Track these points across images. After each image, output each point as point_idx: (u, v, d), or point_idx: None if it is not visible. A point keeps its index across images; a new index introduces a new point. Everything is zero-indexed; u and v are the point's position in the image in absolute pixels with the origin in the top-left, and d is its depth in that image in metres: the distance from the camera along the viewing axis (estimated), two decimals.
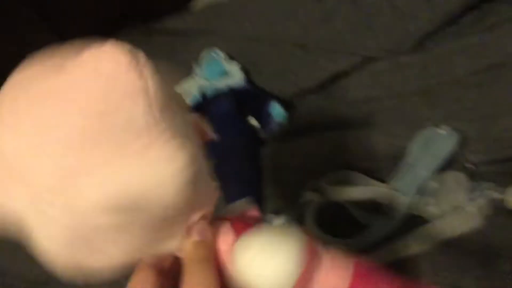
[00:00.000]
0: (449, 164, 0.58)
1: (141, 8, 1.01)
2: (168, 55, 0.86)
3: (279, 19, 0.80)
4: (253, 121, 0.72)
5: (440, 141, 0.55)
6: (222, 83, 0.74)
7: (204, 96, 0.74)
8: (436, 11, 0.72)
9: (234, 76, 0.75)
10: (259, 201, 0.66)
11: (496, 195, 0.53)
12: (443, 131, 0.55)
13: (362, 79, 0.74)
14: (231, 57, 0.78)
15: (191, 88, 0.76)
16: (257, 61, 0.80)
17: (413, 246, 0.54)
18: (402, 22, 0.74)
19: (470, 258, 0.52)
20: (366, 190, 0.59)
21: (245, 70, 0.78)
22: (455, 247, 0.53)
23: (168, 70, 0.28)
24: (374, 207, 0.60)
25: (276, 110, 0.72)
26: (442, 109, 0.64)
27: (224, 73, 0.76)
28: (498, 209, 0.53)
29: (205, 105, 0.73)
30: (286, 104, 0.75)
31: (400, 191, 0.57)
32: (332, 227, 0.59)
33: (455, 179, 0.54)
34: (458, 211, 0.53)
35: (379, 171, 0.62)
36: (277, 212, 0.65)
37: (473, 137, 0.60)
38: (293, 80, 0.78)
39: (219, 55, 0.78)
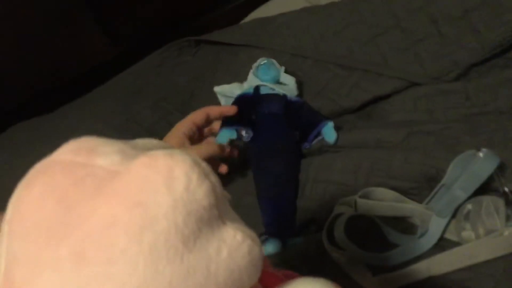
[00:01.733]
0: (486, 189, 0.57)
1: (192, 21, 1.05)
2: (212, 65, 0.89)
3: (325, 38, 0.81)
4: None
5: (479, 163, 0.54)
6: (278, 88, 0.74)
7: (257, 91, 0.74)
8: (483, 44, 0.73)
9: (290, 87, 0.75)
10: (291, 208, 0.67)
11: None
12: (482, 153, 0.55)
13: (404, 103, 0.74)
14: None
15: (234, 90, 0.77)
16: (299, 77, 0.81)
17: (444, 266, 0.53)
18: (449, 51, 0.75)
19: (504, 283, 0.51)
20: (400, 207, 0.58)
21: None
22: (488, 271, 0.52)
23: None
24: (406, 225, 0.59)
25: (329, 131, 0.71)
26: (483, 137, 0.64)
27: (279, 81, 0.76)
28: None
29: (255, 99, 0.73)
30: None
31: (435, 212, 0.56)
32: (362, 240, 0.58)
33: (493, 203, 0.53)
34: (494, 235, 0.51)
35: (415, 191, 0.62)
36: (308, 223, 0.66)
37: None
38: (333, 98, 0.79)
39: (277, 64, 0.78)
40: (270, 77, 0.75)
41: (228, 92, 0.79)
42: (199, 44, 0.92)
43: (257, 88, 0.75)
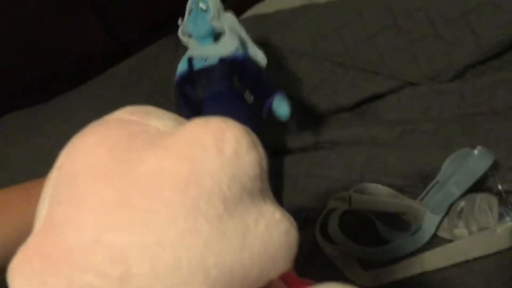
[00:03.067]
0: (479, 188, 0.57)
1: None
2: None
3: (322, 35, 0.81)
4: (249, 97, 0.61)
5: (474, 160, 0.55)
6: (212, 52, 0.59)
7: (190, 66, 0.61)
8: (480, 45, 0.73)
9: (227, 45, 0.59)
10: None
11: None
12: (477, 151, 0.55)
13: (400, 102, 0.75)
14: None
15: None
16: (296, 74, 0.81)
17: (436, 262, 0.53)
18: (445, 52, 0.75)
19: (496, 280, 0.51)
20: (394, 203, 0.58)
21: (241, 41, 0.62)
22: (480, 268, 0.52)
23: None
24: (399, 222, 0.59)
25: (281, 107, 0.57)
26: (478, 137, 0.64)
27: (212, 34, 0.61)
28: None
29: (192, 78, 0.60)
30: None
31: (429, 209, 0.56)
32: (355, 236, 0.58)
33: (487, 201, 0.53)
34: (487, 232, 0.52)
35: (409, 189, 0.62)
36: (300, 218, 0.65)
37: (508, 166, 0.59)
38: (329, 96, 0.79)
39: (207, 8, 0.60)
40: (203, 33, 0.60)
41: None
42: None
43: (189, 61, 0.61)
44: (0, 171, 0.84)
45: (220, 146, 0.25)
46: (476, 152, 0.55)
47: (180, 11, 1.02)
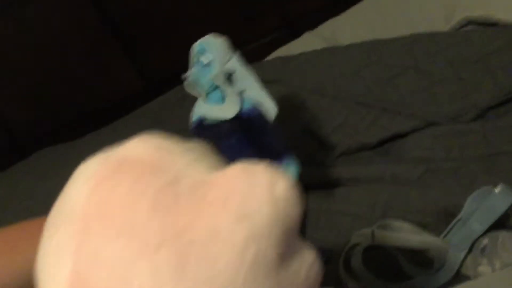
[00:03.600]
0: (501, 226, 0.57)
1: None
2: None
3: (344, 76, 0.84)
4: None
5: (495, 197, 0.55)
6: (214, 115, 0.55)
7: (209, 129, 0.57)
8: (500, 87, 0.75)
9: (228, 109, 0.54)
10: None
11: None
12: (498, 188, 0.56)
13: (422, 141, 0.76)
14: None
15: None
16: (318, 114, 0.83)
17: None
18: (466, 93, 0.77)
19: None
20: (417, 240, 0.59)
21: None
22: None
23: None
24: (422, 258, 0.59)
25: (291, 169, 0.55)
26: (500, 176, 0.64)
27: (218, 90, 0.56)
28: None
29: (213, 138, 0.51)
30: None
31: (452, 246, 0.56)
32: (378, 271, 0.58)
33: (509, 237, 0.53)
34: (510, 268, 0.51)
35: (432, 226, 0.62)
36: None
37: None
38: (351, 134, 0.81)
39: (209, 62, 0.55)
40: (205, 88, 0.55)
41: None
42: None
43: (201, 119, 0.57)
44: (31, 204, 0.87)
45: (274, 200, 0.25)
46: (497, 190, 0.55)
47: None
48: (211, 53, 0.56)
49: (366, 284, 0.57)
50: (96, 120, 1.01)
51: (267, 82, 0.87)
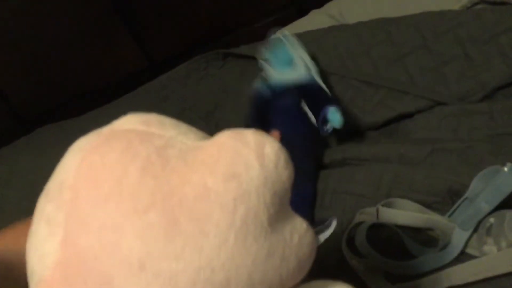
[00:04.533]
0: (509, 205, 0.56)
1: (221, 37, 1.08)
2: (238, 78, 0.91)
3: (352, 55, 0.83)
4: (312, 118, 0.73)
5: (504, 177, 0.54)
6: (288, 77, 0.75)
7: (272, 91, 0.76)
8: (510, 66, 0.73)
9: (299, 69, 0.75)
10: (311, 198, 0.67)
11: None
12: (507, 168, 0.54)
13: (428, 121, 0.75)
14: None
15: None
16: None
17: (464, 277, 0.52)
18: (475, 73, 0.75)
19: None
20: (422, 218, 0.58)
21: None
22: (510, 283, 0.51)
23: None
24: (427, 237, 0.58)
25: (334, 116, 0.70)
26: (507, 157, 0.63)
27: (291, 62, 0.76)
28: None
29: (273, 99, 0.75)
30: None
31: (458, 224, 0.55)
32: (382, 250, 0.58)
33: None
34: None
35: (438, 205, 0.61)
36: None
37: None
38: (357, 114, 0.80)
39: (287, 40, 0.78)
40: (282, 62, 0.76)
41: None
42: (226, 58, 0.94)
43: (266, 82, 0.77)
44: (33, 179, 0.87)
45: (262, 161, 0.25)
46: (506, 169, 0.54)
47: (211, 35, 1.05)
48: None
49: (370, 262, 0.56)
50: (99, 97, 1.00)
51: None
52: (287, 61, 0.76)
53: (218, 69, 0.95)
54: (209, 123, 0.88)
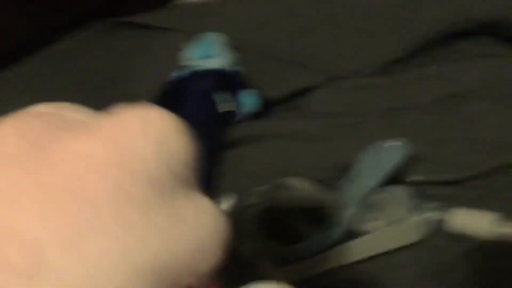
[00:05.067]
0: (395, 180, 0.57)
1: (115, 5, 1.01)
2: (134, 49, 0.85)
3: (250, 26, 0.79)
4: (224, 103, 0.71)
5: (387, 152, 0.54)
6: (201, 66, 0.73)
7: (185, 77, 0.73)
8: (405, 40, 0.74)
9: (216, 60, 0.74)
10: (211, 182, 0.64)
11: (436, 215, 0.52)
12: (390, 143, 0.55)
13: (324, 96, 0.74)
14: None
15: None
16: None
17: (351, 256, 0.52)
18: (371, 46, 0.75)
19: (403, 275, 0.50)
20: (309, 197, 0.57)
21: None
22: (398, 260, 0.51)
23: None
24: (319, 216, 0.58)
25: (249, 100, 0.70)
26: (402, 132, 0.63)
27: (207, 47, 0.75)
28: (437, 230, 0.52)
29: (183, 85, 0.73)
30: None
31: (344, 202, 0.55)
32: (271, 233, 0.56)
33: (399, 193, 0.52)
34: (397, 224, 0.51)
35: (329, 182, 0.60)
36: None
37: (423, 158, 0.59)
38: (257, 89, 0.77)
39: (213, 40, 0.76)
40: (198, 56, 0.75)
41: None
42: (120, 27, 0.88)
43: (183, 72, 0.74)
44: None
45: (145, 127, 0.23)
46: (389, 144, 0.54)
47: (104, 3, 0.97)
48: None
49: (257, 247, 0.54)
50: None
51: (169, 31, 0.82)
52: (203, 56, 0.75)
53: (111, 39, 0.89)
54: (103, 97, 0.82)
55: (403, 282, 0.51)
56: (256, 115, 0.72)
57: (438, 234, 0.52)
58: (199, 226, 0.24)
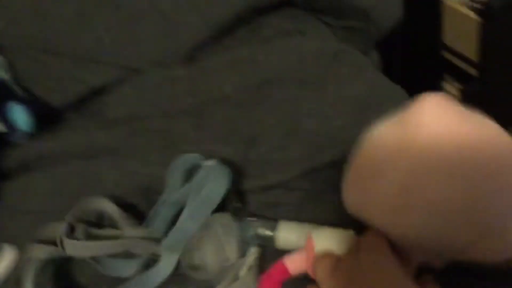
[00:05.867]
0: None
1: None
2: None
3: (20, 16, 0.63)
4: None
5: (210, 185, 0.46)
6: None
7: None
8: (206, 20, 0.65)
9: None
10: None
11: (267, 232, 0.46)
12: (211, 169, 0.46)
13: (126, 94, 0.63)
14: None
15: None
16: None
17: None
18: (169, 31, 0.64)
19: None
20: (116, 244, 0.46)
21: None
22: None
23: None
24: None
25: (19, 116, 0.56)
26: (209, 131, 0.56)
27: None
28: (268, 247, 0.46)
29: None
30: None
31: (164, 247, 0.46)
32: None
33: (222, 222, 0.45)
34: (227, 272, 0.44)
35: (134, 211, 0.51)
36: None
37: (236, 162, 0.53)
38: (40, 94, 0.63)
39: None
40: None
41: None
42: None
43: None
44: None
45: None
46: (210, 172, 0.46)
47: None
48: None
49: None
50: None
51: None
52: None
53: None
54: None
55: None
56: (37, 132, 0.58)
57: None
58: None
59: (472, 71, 1.03)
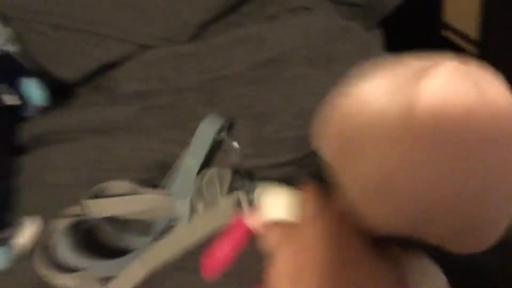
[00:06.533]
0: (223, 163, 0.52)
1: None
2: None
3: None
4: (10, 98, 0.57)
5: (201, 127, 0.51)
6: None
7: None
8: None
9: None
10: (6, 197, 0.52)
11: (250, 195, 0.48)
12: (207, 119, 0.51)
13: (135, 70, 0.64)
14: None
15: None
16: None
17: (164, 254, 0.46)
18: (178, 8, 0.65)
19: None
20: (137, 200, 0.48)
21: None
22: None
23: None
24: (144, 226, 0.50)
25: (33, 91, 0.58)
26: (219, 107, 0.57)
27: None
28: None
29: None
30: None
31: (175, 194, 0.48)
32: (94, 253, 0.47)
33: (219, 174, 0.48)
34: (211, 208, 0.47)
35: (150, 183, 0.52)
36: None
37: (248, 139, 0.54)
38: (51, 69, 0.64)
39: None
40: None
41: None
42: None
43: None
44: None
45: None
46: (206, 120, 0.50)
47: None
48: None
49: (81, 275, 0.45)
50: None
51: None
52: None
53: None
54: None
55: None
56: (51, 106, 0.59)
57: None
58: None
59: (472, 49, 1.04)
